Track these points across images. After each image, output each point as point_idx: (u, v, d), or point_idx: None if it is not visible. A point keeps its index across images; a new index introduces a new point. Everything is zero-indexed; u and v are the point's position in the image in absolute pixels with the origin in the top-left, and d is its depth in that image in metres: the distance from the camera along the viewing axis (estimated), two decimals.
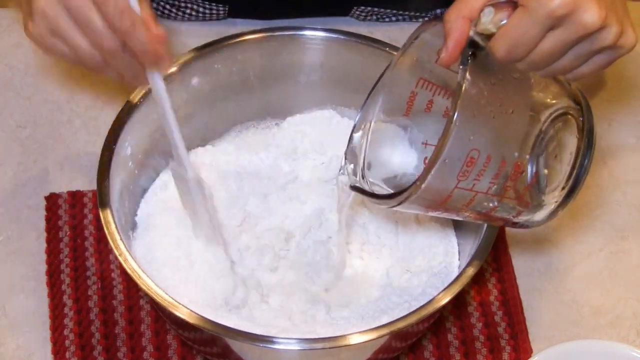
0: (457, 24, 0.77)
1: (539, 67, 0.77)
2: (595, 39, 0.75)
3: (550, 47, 0.75)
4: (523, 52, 0.76)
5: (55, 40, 0.80)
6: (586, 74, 0.79)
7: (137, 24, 0.78)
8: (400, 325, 0.82)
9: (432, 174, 0.76)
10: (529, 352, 0.96)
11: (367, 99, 0.88)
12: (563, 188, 0.82)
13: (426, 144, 0.90)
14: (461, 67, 0.76)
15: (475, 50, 0.76)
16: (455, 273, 0.88)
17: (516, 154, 0.79)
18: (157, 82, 0.83)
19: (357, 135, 0.90)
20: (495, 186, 0.79)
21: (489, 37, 0.77)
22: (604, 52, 0.77)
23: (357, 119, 0.89)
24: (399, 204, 0.80)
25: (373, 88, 0.88)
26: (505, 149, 0.78)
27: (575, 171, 0.82)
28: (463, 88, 0.75)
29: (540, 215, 0.83)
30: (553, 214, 0.83)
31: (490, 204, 0.80)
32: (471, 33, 0.77)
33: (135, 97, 0.93)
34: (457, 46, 0.77)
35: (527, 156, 0.80)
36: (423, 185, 0.76)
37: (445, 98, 0.86)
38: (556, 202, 0.82)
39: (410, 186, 0.78)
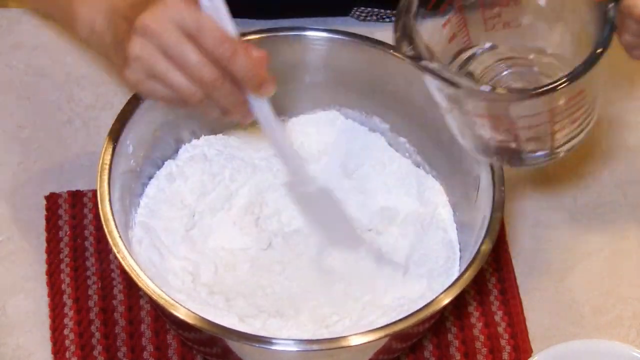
0: None
1: None
2: None
3: None
4: None
5: (154, 83, 0.79)
6: None
7: (237, 50, 0.78)
8: (401, 326, 0.82)
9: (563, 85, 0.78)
10: (529, 351, 0.96)
11: None
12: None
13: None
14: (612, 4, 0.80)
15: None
16: (455, 277, 0.87)
17: None
18: (263, 108, 0.83)
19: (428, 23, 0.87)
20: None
21: None
22: None
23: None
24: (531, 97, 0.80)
25: None
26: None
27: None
28: (610, 21, 0.80)
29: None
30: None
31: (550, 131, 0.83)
32: None
33: (138, 94, 0.93)
34: None
35: None
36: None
37: None
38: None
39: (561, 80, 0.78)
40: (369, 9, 1.17)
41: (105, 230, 0.86)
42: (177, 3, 0.78)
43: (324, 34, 0.99)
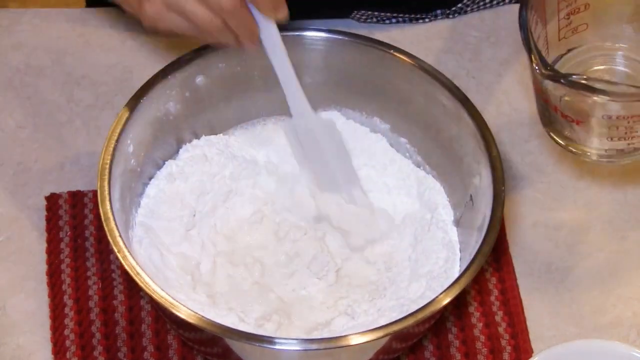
0: None
1: None
2: None
3: None
4: None
5: (173, 15, 0.82)
6: None
7: None
8: (401, 326, 0.82)
9: None
10: (529, 352, 0.96)
11: None
12: None
13: None
14: None
15: None
16: (455, 277, 0.87)
17: None
18: (273, 32, 0.88)
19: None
20: None
21: None
22: None
23: None
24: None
25: None
26: None
27: None
28: None
29: None
30: None
31: None
32: None
33: (139, 94, 0.93)
34: None
35: None
36: None
37: None
38: None
39: None
40: (369, 12, 1.17)
41: (106, 230, 0.86)
42: None
43: (324, 34, 0.99)
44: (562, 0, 0.89)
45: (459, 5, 1.19)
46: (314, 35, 0.99)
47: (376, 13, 1.18)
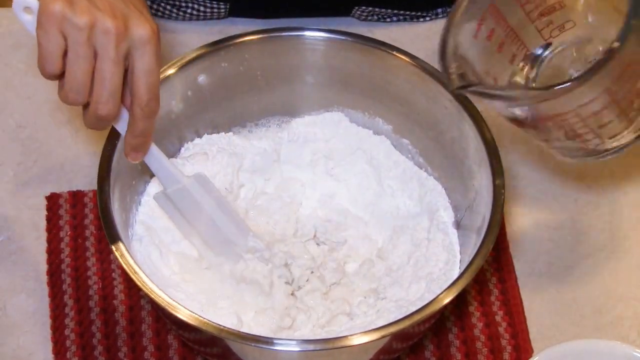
0: None
1: None
2: None
3: None
4: None
5: (56, 44, 0.76)
6: None
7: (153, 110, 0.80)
8: (401, 326, 0.82)
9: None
10: (529, 351, 0.96)
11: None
12: None
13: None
14: None
15: None
16: (454, 279, 0.87)
17: None
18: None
19: (465, 35, 0.89)
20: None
21: None
22: None
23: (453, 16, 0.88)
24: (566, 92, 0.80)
25: None
26: None
27: None
28: None
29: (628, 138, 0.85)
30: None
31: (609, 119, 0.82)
32: None
33: None
34: None
35: None
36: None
37: None
38: None
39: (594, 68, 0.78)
40: (370, 8, 1.17)
41: (105, 229, 0.86)
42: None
43: (325, 35, 0.99)
44: (527, 4, 0.89)
45: None
46: (315, 35, 0.99)
47: (377, 10, 1.17)
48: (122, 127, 0.84)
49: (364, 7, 1.17)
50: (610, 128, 0.84)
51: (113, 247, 0.85)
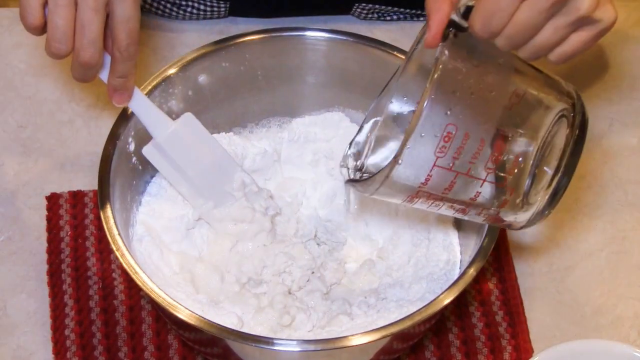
0: (437, 4, 0.76)
1: (518, 42, 0.76)
2: (570, 8, 0.74)
3: (525, 17, 0.74)
4: (498, 23, 0.74)
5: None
6: (570, 53, 0.77)
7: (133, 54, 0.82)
8: (402, 326, 0.82)
9: (408, 147, 0.76)
10: (529, 352, 0.96)
11: (380, 94, 0.89)
12: (549, 186, 0.80)
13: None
14: (440, 44, 0.76)
15: (456, 31, 0.76)
16: (455, 279, 0.87)
17: (494, 134, 0.78)
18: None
19: (364, 132, 0.90)
20: (475, 167, 0.78)
21: None
22: (584, 28, 0.76)
23: (367, 113, 0.89)
24: (380, 185, 0.79)
25: (385, 87, 0.88)
26: (485, 129, 0.78)
27: (560, 170, 0.80)
28: (440, 62, 0.75)
29: (524, 216, 0.82)
30: (539, 215, 0.82)
31: (473, 191, 0.79)
32: (453, 15, 0.77)
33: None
34: (439, 25, 0.76)
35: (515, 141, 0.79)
36: (401, 160, 0.76)
37: None
38: (541, 201, 0.81)
39: (389, 162, 0.77)
40: (370, 5, 1.17)
41: (105, 228, 0.86)
42: None
43: (325, 34, 0.99)
44: None
45: None
46: (315, 35, 0.99)
47: (377, 7, 1.17)
48: (105, 75, 0.86)
49: (364, 5, 1.17)
50: (484, 200, 0.81)
51: (113, 247, 0.85)
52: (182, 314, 0.82)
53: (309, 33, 0.99)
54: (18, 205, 1.03)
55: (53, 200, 1.03)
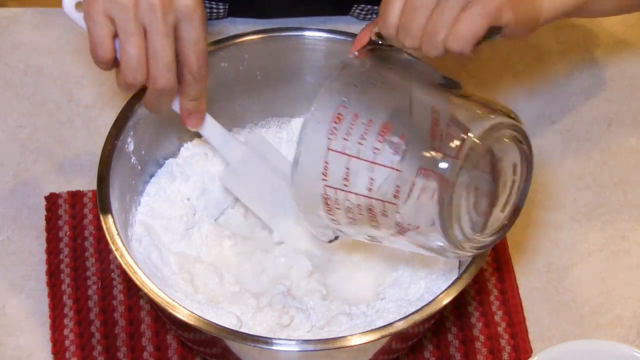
0: (360, 34, 0.84)
1: (413, 30, 0.78)
2: None
3: (413, 4, 0.78)
4: (391, 17, 0.79)
5: (107, 28, 0.78)
6: (465, 32, 0.77)
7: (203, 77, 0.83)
8: (401, 326, 0.82)
9: (306, 133, 0.79)
10: (529, 352, 0.96)
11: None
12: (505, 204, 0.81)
13: None
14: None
15: (373, 46, 0.82)
16: (454, 279, 0.87)
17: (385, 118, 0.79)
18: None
19: None
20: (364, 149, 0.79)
21: None
22: (471, 4, 0.77)
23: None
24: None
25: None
26: (375, 112, 0.79)
27: (514, 201, 0.81)
28: (346, 59, 0.81)
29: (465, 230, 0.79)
30: (492, 239, 0.81)
31: (366, 179, 0.79)
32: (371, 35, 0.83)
33: (141, 91, 0.93)
34: (357, 43, 0.83)
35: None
36: (301, 147, 0.79)
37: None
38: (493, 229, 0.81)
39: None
40: (369, 6, 1.17)
41: (104, 228, 0.86)
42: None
43: (324, 35, 0.99)
44: None
45: None
46: (314, 35, 0.99)
47: (376, 8, 1.17)
48: (176, 102, 0.87)
49: (362, 6, 1.17)
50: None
51: (112, 247, 0.85)
52: (181, 314, 0.82)
53: (307, 33, 0.99)
54: (17, 205, 1.03)
55: (52, 200, 1.03)
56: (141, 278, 0.83)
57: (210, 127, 0.90)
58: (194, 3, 0.80)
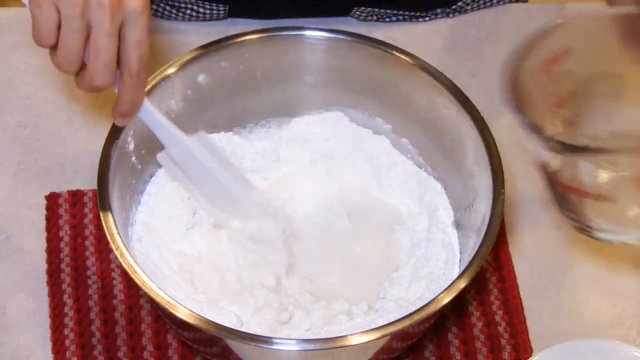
0: None
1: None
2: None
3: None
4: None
5: (51, 10, 0.77)
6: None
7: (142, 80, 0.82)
8: (401, 326, 0.82)
9: None
10: (529, 351, 0.96)
11: None
12: None
13: None
14: None
15: None
16: (454, 278, 0.87)
17: None
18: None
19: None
20: None
21: None
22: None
23: None
24: None
25: None
26: None
27: None
28: None
29: None
30: None
31: None
32: None
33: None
34: None
35: None
36: None
37: None
38: None
39: None
40: (369, 9, 1.17)
41: (104, 227, 0.86)
42: None
43: (325, 34, 0.99)
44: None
45: (459, 3, 1.19)
46: (314, 34, 0.99)
47: (376, 10, 1.17)
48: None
49: (363, 8, 1.17)
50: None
51: (113, 247, 0.85)
52: (181, 314, 0.82)
53: (308, 32, 0.99)
54: (17, 204, 1.03)
55: (52, 199, 1.03)
56: (141, 277, 0.83)
57: (148, 114, 0.88)
58: (142, 5, 0.79)
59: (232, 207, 0.95)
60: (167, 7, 1.17)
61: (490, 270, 1.01)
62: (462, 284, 0.84)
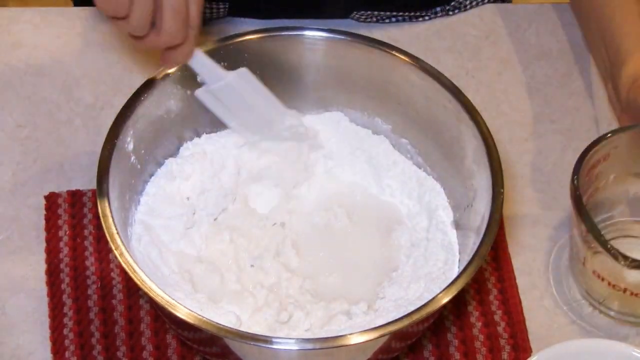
0: None
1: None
2: None
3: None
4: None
5: None
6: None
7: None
8: (400, 325, 0.82)
9: None
10: (528, 351, 0.96)
11: None
12: None
13: None
14: None
15: None
16: (453, 278, 0.87)
17: None
18: None
19: None
20: None
21: None
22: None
23: None
24: None
25: None
26: None
27: None
28: None
29: None
30: None
31: None
32: None
33: (140, 92, 0.94)
34: None
35: None
36: None
37: None
38: None
39: None
40: (369, 12, 1.17)
41: (104, 227, 0.86)
42: None
43: (324, 34, 0.99)
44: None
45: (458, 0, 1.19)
46: (314, 35, 0.99)
47: (376, 13, 1.18)
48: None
49: (362, 11, 1.17)
50: None
51: (112, 247, 0.85)
52: (181, 313, 0.82)
53: (307, 33, 0.99)
54: (17, 204, 1.03)
55: (52, 199, 1.03)
56: (141, 277, 0.83)
57: (197, 59, 0.93)
58: None
59: (265, 131, 0.99)
60: None
61: (490, 270, 1.01)
62: (461, 284, 0.84)
